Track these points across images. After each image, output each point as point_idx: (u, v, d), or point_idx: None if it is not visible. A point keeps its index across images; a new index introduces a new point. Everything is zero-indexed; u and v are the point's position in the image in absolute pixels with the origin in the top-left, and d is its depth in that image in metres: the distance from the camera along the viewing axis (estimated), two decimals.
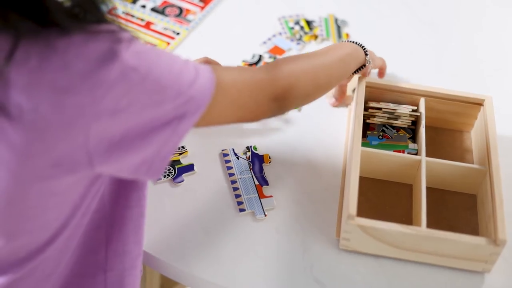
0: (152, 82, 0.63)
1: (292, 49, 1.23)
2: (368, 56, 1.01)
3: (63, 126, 0.59)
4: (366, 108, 1.03)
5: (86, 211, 0.72)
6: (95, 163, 0.63)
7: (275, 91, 0.82)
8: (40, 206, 0.65)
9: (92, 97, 0.59)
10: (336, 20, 1.30)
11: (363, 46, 1.01)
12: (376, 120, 1.03)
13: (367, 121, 1.04)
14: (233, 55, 1.20)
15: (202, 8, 1.31)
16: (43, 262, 0.71)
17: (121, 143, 0.63)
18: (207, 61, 1.02)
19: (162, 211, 0.93)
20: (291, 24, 1.28)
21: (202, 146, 1.02)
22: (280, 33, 1.26)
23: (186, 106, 0.66)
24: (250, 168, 0.99)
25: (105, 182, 0.73)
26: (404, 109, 1.02)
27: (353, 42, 1.01)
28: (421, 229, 0.85)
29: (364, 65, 1.01)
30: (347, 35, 1.27)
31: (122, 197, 0.76)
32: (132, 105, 0.62)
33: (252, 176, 0.98)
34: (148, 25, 1.26)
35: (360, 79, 1.03)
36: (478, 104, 1.03)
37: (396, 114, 1.02)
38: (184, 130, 0.67)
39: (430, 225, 0.86)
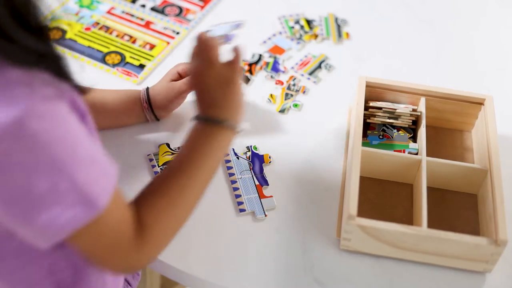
0: (43, 151, 0.59)
1: (292, 48, 1.22)
2: (237, 129, 0.82)
3: None
4: (366, 108, 1.03)
5: (32, 247, 0.68)
6: None
7: (135, 265, 0.75)
8: None
9: None
10: (336, 19, 1.30)
11: (230, 125, 0.81)
12: (376, 120, 1.03)
13: (368, 120, 1.03)
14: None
15: (202, 7, 1.31)
16: None
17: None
18: (183, 68, 1.00)
19: None
20: (291, 23, 1.28)
21: None
22: (280, 33, 1.26)
23: (60, 198, 0.61)
24: (250, 168, 0.99)
25: None
26: (405, 109, 1.02)
27: (219, 121, 0.80)
28: (422, 229, 0.85)
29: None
30: (347, 34, 1.27)
31: None
32: (16, 165, 0.58)
33: (252, 176, 0.98)
34: (147, 24, 1.25)
35: (359, 78, 1.03)
36: (478, 103, 1.03)
37: (396, 113, 1.02)
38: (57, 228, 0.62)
39: (430, 225, 0.86)
